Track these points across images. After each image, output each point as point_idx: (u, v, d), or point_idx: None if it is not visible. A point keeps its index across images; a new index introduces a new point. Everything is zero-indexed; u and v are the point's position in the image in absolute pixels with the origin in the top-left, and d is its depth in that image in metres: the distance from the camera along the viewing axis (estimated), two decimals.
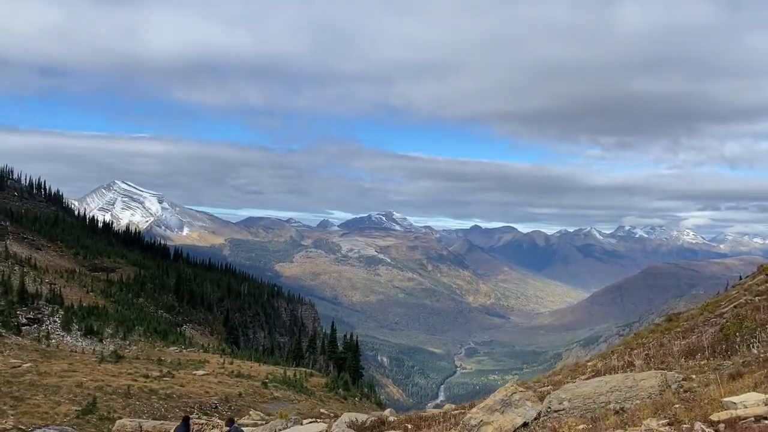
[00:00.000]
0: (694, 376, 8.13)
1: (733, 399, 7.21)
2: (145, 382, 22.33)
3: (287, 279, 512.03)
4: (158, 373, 24.97)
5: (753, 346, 8.54)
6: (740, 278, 26.28)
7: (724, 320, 11.21)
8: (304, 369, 42.20)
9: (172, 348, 41.10)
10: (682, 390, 8.43)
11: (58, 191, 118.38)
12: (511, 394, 11.07)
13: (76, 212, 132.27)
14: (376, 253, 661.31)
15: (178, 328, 62.23)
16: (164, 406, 19.43)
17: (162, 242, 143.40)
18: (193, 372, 27.85)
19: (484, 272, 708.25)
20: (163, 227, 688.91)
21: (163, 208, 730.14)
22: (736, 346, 9.02)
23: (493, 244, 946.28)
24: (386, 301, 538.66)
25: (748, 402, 7.17)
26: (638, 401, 8.80)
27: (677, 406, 7.81)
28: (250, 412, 21.28)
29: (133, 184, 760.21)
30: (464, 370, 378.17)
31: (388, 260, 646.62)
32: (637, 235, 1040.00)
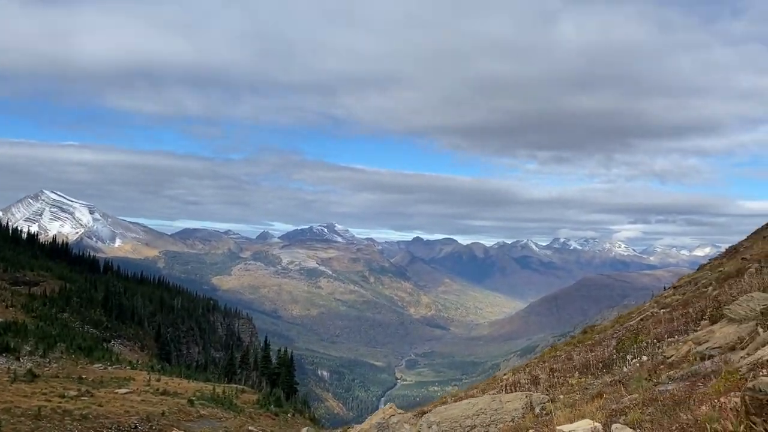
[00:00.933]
0: (561, 396, 8.05)
1: (565, 428, 6.91)
2: (60, 402, 21.01)
3: (225, 292, 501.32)
4: (76, 393, 23.60)
5: (628, 364, 8.51)
6: (664, 289, 27.26)
7: (625, 334, 11.45)
8: (235, 385, 41.03)
9: (96, 365, 39.17)
10: (544, 413, 8.34)
11: None
12: (389, 417, 10.86)
13: (6, 222, 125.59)
14: (317, 266, 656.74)
15: (106, 344, 59.64)
16: (78, 427, 18.30)
17: (92, 254, 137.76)
18: (115, 390, 26.54)
19: (425, 284, 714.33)
20: (94, 239, 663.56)
21: (94, 219, 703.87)
22: (622, 362, 9.06)
23: (435, 256, 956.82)
24: (327, 314, 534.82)
25: (577, 431, 6.93)
26: (501, 425, 8.63)
27: (531, 431, 7.71)
28: None
29: (62, 194, 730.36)
30: (405, 382, 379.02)
31: (330, 272, 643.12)
32: (571, 247, 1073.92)
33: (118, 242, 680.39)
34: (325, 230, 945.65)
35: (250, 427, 24.52)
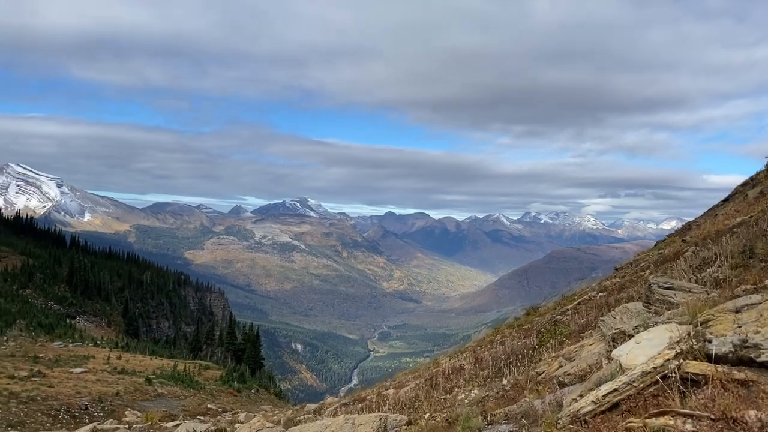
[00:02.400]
0: (427, 415, 7.75)
1: None
2: (8, 384, 20.53)
3: (198, 267, 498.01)
4: (27, 373, 23.07)
5: (514, 373, 7.95)
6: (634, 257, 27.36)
7: (549, 324, 11.25)
8: (200, 362, 40.75)
9: (56, 343, 38.45)
10: None
11: None
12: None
13: None
14: (290, 240, 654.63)
15: (70, 321, 58.66)
16: (23, 410, 17.87)
17: (61, 229, 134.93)
18: (70, 370, 26.05)
19: (397, 258, 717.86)
20: (62, 213, 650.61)
21: (62, 193, 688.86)
22: (519, 365, 8.77)
23: (407, 230, 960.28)
24: (301, 288, 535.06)
25: None
26: None
27: None
28: (126, 413, 20.06)
29: (29, 167, 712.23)
30: (377, 354, 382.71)
31: (303, 247, 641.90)
32: (542, 221, 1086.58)
33: (87, 216, 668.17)
34: (298, 205, 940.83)
35: (209, 405, 24.31)
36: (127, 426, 15.72)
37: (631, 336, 5.96)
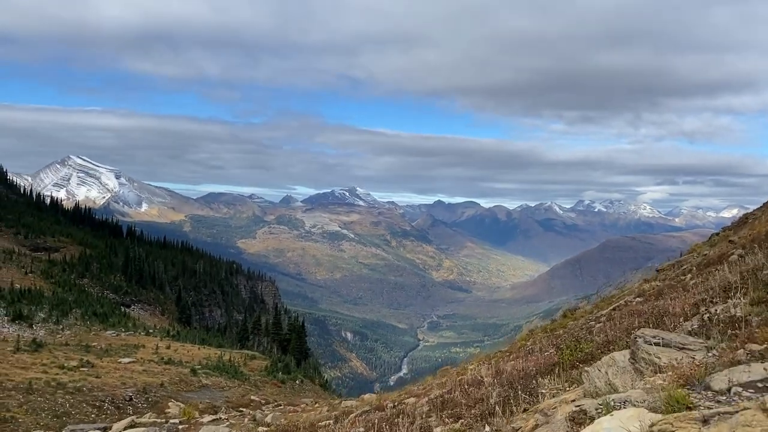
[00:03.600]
0: None
1: None
2: (57, 374, 21.02)
3: (250, 255, 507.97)
4: (76, 363, 23.63)
5: (502, 420, 6.52)
6: (680, 255, 26.00)
7: (570, 336, 9.75)
8: (247, 351, 41.19)
9: (109, 332, 39.49)
10: None
11: (1, 167, 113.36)
12: None
13: (27, 188, 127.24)
14: (339, 229, 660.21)
15: (124, 310, 60.32)
16: (69, 401, 18.21)
17: (117, 219, 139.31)
18: (119, 360, 26.60)
19: (447, 247, 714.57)
20: (121, 203, 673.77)
21: (120, 184, 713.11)
22: (533, 392, 7.53)
23: (456, 219, 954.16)
24: (350, 277, 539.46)
25: None
26: None
27: None
28: (170, 404, 20.26)
29: (89, 159, 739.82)
30: (427, 343, 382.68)
31: (352, 236, 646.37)
32: (596, 209, 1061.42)
33: (144, 206, 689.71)
34: (347, 194, 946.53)
35: (252, 396, 24.39)
36: (164, 420, 15.80)
37: (592, 418, 4.84)
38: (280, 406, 22.56)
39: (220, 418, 16.03)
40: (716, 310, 8.22)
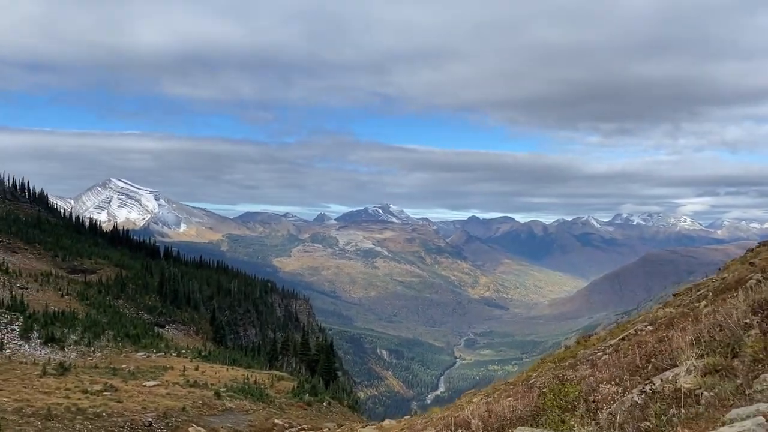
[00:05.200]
0: None
1: None
2: (78, 399, 20.94)
3: (286, 274, 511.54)
4: (100, 387, 23.57)
5: None
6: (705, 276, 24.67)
7: (553, 381, 8.12)
8: (275, 372, 40.85)
9: (140, 353, 39.65)
10: None
11: (42, 191, 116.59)
12: None
13: (69, 211, 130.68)
14: (373, 246, 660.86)
15: (158, 330, 60.76)
16: (88, 427, 18.02)
17: (157, 240, 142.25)
18: (144, 383, 26.49)
19: (482, 263, 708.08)
20: (160, 224, 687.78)
21: (159, 205, 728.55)
22: None
23: (492, 235, 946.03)
24: (385, 294, 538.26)
25: None
26: None
27: None
28: (190, 429, 19.94)
29: (128, 182, 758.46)
30: (464, 361, 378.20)
31: (386, 253, 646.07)
32: (634, 223, 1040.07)
33: (183, 227, 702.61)
34: (380, 211, 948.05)
35: (276, 420, 23.94)
36: None
37: None
38: (304, 429, 22.08)
39: None
40: (669, 376, 6.70)
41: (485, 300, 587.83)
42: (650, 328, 12.62)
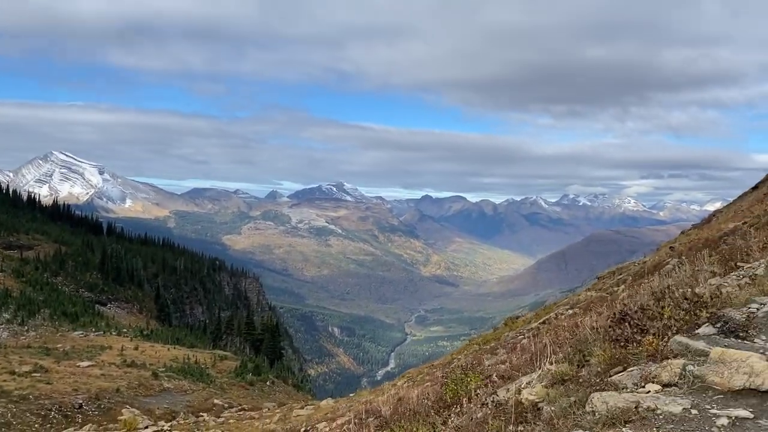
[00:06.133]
0: None
1: None
2: (4, 381, 20.04)
3: (236, 252, 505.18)
4: (29, 368, 22.68)
5: None
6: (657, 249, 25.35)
7: (456, 371, 7.73)
8: (219, 352, 40.29)
9: (77, 332, 38.40)
10: None
11: None
12: None
13: (7, 185, 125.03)
14: (327, 224, 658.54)
15: (99, 308, 59.16)
16: (11, 411, 17.28)
17: (102, 215, 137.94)
18: (78, 363, 25.64)
19: (434, 242, 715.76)
20: (105, 199, 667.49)
21: (104, 180, 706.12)
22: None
23: (444, 214, 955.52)
24: (337, 272, 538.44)
25: None
26: None
27: None
28: (123, 411, 19.34)
29: (71, 155, 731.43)
30: (414, 338, 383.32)
31: (340, 231, 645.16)
32: (580, 203, 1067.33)
33: (128, 202, 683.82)
34: (334, 189, 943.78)
35: (215, 400, 23.56)
36: None
37: None
38: (244, 410, 21.78)
39: (162, 429, 15.22)
40: (515, 387, 6.10)
41: (436, 278, 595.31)
42: (570, 312, 12.80)
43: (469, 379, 6.02)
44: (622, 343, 5.55)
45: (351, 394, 24.30)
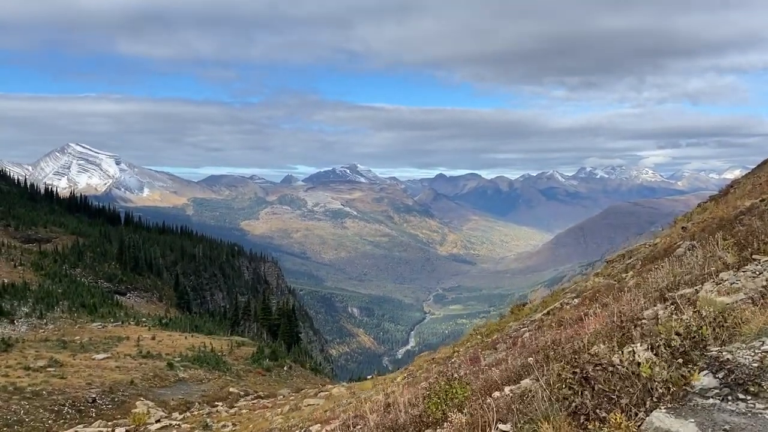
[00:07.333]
0: None
1: None
2: (18, 377, 20.08)
3: (255, 237, 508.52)
4: (44, 363, 22.72)
5: None
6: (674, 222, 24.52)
7: (440, 379, 6.81)
8: (236, 338, 40.34)
9: (95, 324, 38.61)
10: None
11: None
12: None
13: (28, 178, 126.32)
14: (342, 207, 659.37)
15: (119, 298, 59.58)
16: (25, 407, 17.27)
17: (119, 206, 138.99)
18: (93, 356, 25.69)
19: (450, 220, 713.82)
20: (123, 189, 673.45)
21: (121, 170, 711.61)
22: None
23: (458, 192, 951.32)
24: (354, 254, 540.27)
25: None
26: None
27: None
28: (137, 403, 19.30)
29: (88, 146, 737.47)
30: (433, 316, 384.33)
31: (355, 213, 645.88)
32: (598, 176, 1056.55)
33: (146, 192, 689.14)
34: (348, 171, 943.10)
35: (231, 389, 23.48)
36: (111, 428, 14.81)
37: None
38: (260, 397, 21.66)
39: (171, 423, 15.09)
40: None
41: (453, 256, 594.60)
42: (576, 301, 12.27)
43: (455, 391, 5.54)
44: (581, 420, 4.05)
45: (369, 376, 24.14)
